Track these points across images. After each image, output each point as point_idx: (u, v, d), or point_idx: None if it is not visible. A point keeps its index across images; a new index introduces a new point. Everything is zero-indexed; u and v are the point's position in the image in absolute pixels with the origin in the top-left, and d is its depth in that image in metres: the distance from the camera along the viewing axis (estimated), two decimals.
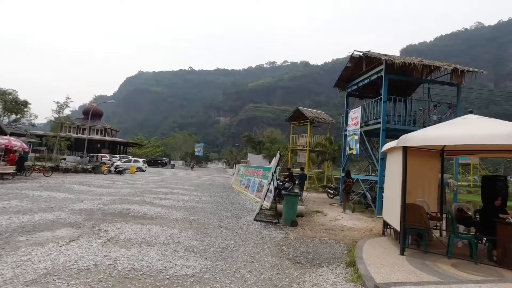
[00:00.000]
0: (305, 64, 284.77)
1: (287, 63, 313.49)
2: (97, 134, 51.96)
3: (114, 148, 52.03)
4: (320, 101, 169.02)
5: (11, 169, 17.18)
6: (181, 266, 4.75)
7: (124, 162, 33.40)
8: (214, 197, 14.45)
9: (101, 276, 4.17)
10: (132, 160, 36.41)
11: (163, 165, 56.33)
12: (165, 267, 4.67)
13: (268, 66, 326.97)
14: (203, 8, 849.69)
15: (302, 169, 17.49)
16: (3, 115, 34.94)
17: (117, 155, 40.64)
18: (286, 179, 14.47)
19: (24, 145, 19.14)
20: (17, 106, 35.38)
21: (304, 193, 14.84)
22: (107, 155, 38.72)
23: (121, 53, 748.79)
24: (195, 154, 76.64)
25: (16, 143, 17.64)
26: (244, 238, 6.94)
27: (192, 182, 23.83)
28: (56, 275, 4.08)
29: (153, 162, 53.86)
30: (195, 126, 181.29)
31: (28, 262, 4.49)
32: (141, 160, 38.13)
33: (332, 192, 17.55)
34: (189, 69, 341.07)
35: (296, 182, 14.66)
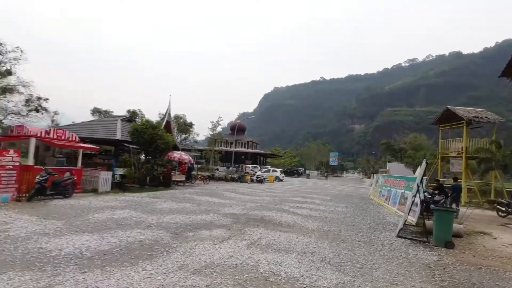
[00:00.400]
0: (456, 54, 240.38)
1: (431, 58, 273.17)
2: (241, 147, 58.90)
3: (255, 159, 57.61)
4: (480, 97, 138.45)
5: (183, 177, 21.62)
6: (317, 277, 4.79)
7: (264, 172, 36.40)
8: (351, 208, 13.88)
9: (246, 275, 4.68)
10: (271, 170, 39.26)
11: (299, 174, 58.17)
12: (302, 276, 4.80)
13: (407, 64, 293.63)
14: (330, 19, 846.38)
15: (456, 179, 14.55)
16: (177, 135, 44.60)
17: (258, 166, 44.74)
18: (436, 191, 12.39)
19: (191, 158, 23.82)
20: (185, 127, 44.84)
21: (461, 209, 12.34)
22: (249, 165, 43.19)
23: (259, 73, 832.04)
24: (330, 163, 75.84)
25: (185, 156, 22.13)
26: (385, 255, 6.37)
27: (327, 192, 23.66)
28: (213, 269, 4.85)
29: (289, 172, 56.36)
30: (328, 135, 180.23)
31: (194, 254, 5.52)
32: (278, 170, 40.60)
33: (504, 209, 13.89)
34: (321, 79, 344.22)
35: (449, 194, 12.36)
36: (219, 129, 39.93)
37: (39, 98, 27.63)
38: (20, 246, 5.30)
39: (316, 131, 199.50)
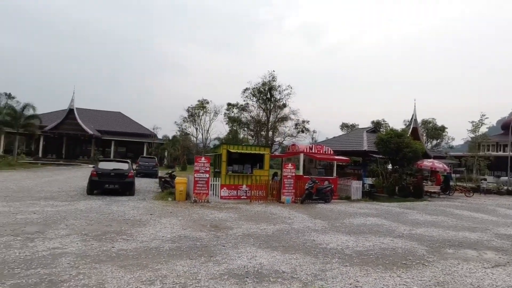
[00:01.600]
0: None
1: None
2: None
3: None
4: None
5: (437, 188, 19.37)
6: None
7: None
8: None
9: None
10: None
11: None
12: None
13: None
14: None
15: None
16: (426, 141, 40.64)
17: None
18: None
19: (446, 166, 20.91)
20: (436, 132, 40.24)
21: None
22: None
23: None
24: None
25: (438, 165, 19.73)
26: None
27: None
28: None
29: None
30: None
31: (456, 273, 5.03)
32: None
33: None
34: None
35: None
36: (483, 129, 32.30)
37: (303, 121, 35.49)
38: (300, 237, 7.03)
39: None
